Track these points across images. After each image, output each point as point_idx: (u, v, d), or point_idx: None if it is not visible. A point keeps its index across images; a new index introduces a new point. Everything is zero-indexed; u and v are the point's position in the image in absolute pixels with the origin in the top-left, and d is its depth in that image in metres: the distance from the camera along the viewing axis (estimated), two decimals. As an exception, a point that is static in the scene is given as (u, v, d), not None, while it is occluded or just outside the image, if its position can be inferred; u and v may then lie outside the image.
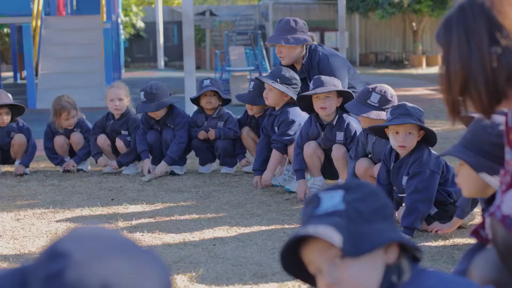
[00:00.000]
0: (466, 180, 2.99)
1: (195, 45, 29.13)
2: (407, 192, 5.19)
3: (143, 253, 1.47)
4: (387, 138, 5.38)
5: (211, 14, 27.64)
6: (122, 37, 26.71)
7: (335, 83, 6.37)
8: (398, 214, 5.36)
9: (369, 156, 5.97)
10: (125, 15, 27.62)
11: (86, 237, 1.43)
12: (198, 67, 27.49)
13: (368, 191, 2.02)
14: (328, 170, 6.53)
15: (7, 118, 7.85)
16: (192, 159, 8.04)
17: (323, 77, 6.43)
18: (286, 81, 6.82)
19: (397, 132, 5.21)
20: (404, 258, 2.02)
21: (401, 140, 5.20)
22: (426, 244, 5.05)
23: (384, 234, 1.96)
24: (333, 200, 2.01)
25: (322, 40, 26.88)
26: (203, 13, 28.02)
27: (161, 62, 27.37)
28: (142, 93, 7.50)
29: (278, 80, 6.81)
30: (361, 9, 26.90)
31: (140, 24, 28.37)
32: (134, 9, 28.22)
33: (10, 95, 7.92)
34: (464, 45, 2.34)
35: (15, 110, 7.91)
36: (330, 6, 28.84)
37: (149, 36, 29.40)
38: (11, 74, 22.40)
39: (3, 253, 5.00)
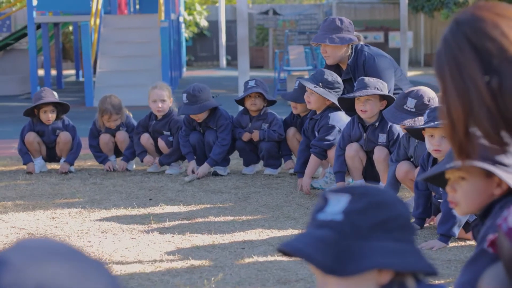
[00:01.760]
0: (468, 195, 2.72)
1: (258, 44, 29.20)
2: (443, 198, 5.02)
3: (87, 261, 1.43)
4: (427, 141, 5.23)
5: (275, 13, 27.53)
6: (185, 35, 26.82)
7: (378, 86, 6.22)
8: (437, 220, 5.20)
9: (411, 159, 5.81)
10: (189, 14, 27.71)
11: (28, 246, 1.42)
12: (261, 66, 27.50)
13: (374, 202, 1.83)
14: (370, 172, 6.39)
15: (52, 116, 7.87)
16: (237, 159, 7.96)
17: (367, 79, 6.29)
18: (329, 85, 6.69)
19: (432, 136, 5.05)
20: (410, 276, 1.88)
21: (436, 143, 5.04)
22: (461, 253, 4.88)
23: (375, 257, 1.78)
24: (338, 205, 1.87)
25: (386, 40, 26.60)
26: (266, 12, 27.93)
27: (223, 61, 27.38)
28: (185, 95, 7.44)
29: (321, 84, 6.68)
30: (426, 8, 26.51)
31: (204, 23, 28.43)
32: (198, 8, 28.29)
33: (55, 93, 7.95)
34: (458, 79, 2.19)
35: (61, 108, 7.93)
36: (395, 5, 28.49)
37: (212, 35, 29.46)
38: (74, 72, 22.63)
39: (31, 252, 4.97)
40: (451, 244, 4.99)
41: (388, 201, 1.85)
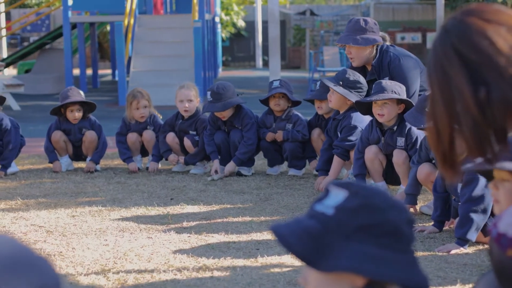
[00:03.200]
0: (508, 196, 2.72)
1: (295, 44, 29.15)
2: (461, 200, 4.96)
3: (28, 257, 1.45)
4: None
5: (312, 13, 27.47)
6: (222, 36, 26.85)
7: (395, 90, 6.16)
8: (456, 223, 5.14)
9: (433, 161, 5.75)
10: (226, 14, 27.74)
11: None
12: (297, 67, 27.47)
13: (366, 203, 1.79)
14: (391, 175, 6.34)
15: (78, 115, 7.93)
16: (262, 160, 7.95)
17: (384, 83, 6.24)
18: (350, 85, 6.65)
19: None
20: (394, 285, 1.83)
21: None
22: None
23: (350, 259, 1.75)
24: (334, 200, 1.85)
25: (424, 41, 26.41)
26: (303, 13, 27.89)
27: (259, 61, 27.39)
28: (209, 92, 7.46)
29: (341, 82, 6.64)
30: (464, 9, 26.30)
31: (241, 23, 28.45)
32: (235, 8, 28.31)
33: (82, 92, 8.00)
34: (445, 89, 2.15)
35: (87, 107, 7.98)
36: (433, 6, 28.24)
37: (249, 35, 29.47)
38: (111, 71, 22.77)
39: (47, 249, 5.02)
40: (468, 248, 4.93)
41: (381, 206, 1.80)
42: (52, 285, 1.46)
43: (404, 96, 6.18)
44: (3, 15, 22.58)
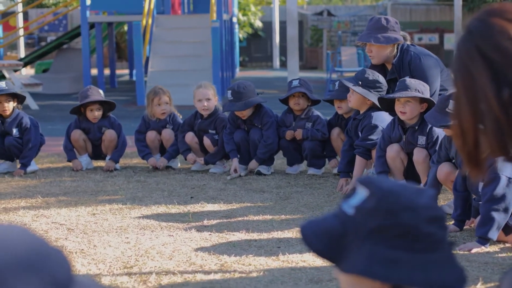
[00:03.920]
0: None
1: (312, 45, 29.12)
2: (482, 199, 4.95)
3: (42, 249, 1.44)
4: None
5: (329, 14, 27.45)
6: (240, 36, 26.85)
7: (419, 88, 6.14)
8: (476, 222, 5.13)
9: (452, 161, 5.73)
10: (243, 15, 27.74)
11: None
12: (315, 67, 27.43)
13: (381, 205, 1.75)
14: (412, 173, 6.32)
15: (98, 114, 7.95)
16: (281, 159, 7.95)
17: (408, 81, 6.22)
18: (369, 84, 6.64)
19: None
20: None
21: None
22: (500, 255, 4.80)
23: (364, 263, 1.71)
24: (356, 199, 1.82)
25: (441, 42, 26.32)
26: (320, 13, 27.87)
27: (276, 61, 27.38)
28: (229, 92, 7.47)
29: (360, 82, 6.64)
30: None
31: (258, 24, 28.45)
32: (253, 8, 28.31)
33: (101, 91, 8.02)
34: (469, 89, 2.15)
35: (107, 106, 8.00)
36: (451, 7, 28.19)
37: (267, 36, 29.47)
38: (128, 71, 22.81)
39: (69, 247, 5.03)
40: (489, 247, 4.92)
41: (394, 207, 1.74)
42: (65, 278, 1.47)
43: (427, 95, 6.16)
44: (21, 15, 22.66)
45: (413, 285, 1.72)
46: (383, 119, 6.62)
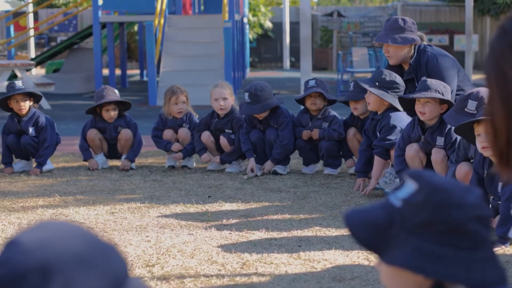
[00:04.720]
0: None
1: (322, 46, 29.11)
2: (502, 199, 4.94)
3: (99, 245, 1.47)
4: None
5: (339, 15, 27.44)
6: (250, 37, 26.86)
7: (439, 89, 6.12)
8: (495, 222, 5.12)
9: (471, 160, 5.72)
10: (253, 15, 27.74)
11: (43, 228, 1.43)
12: (324, 68, 27.39)
13: (430, 200, 1.73)
14: (430, 173, 6.31)
15: (114, 114, 7.96)
16: (297, 159, 7.95)
17: (429, 81, 6.20)
18: (386, 85, 6.63)
19: (479, 134, 4.95)
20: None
21: (482, 139, 4.94)
22: (521, 254, 4.79)
23: (408, 257, 1.70)
24: (405, 191, 1.81)
25: (451, 43, 26.29)
26: (330, 14, 27.86)
27: (286, 62, 27.38)
28: (247, 94, 7.46)
29: (377, 83, 6.63)
30: (492, 11, 26.16)
31: (268, 24, 28.44)
32: (263, 9, 28.30)
33: (117, 91, 8.04)
34: (503, 88, 2.15)
35: (122, 106, 8.01)
36: (461, 8, 28.17)
37: (276, 36, 29.46)
38: (138, 72, 22.84)
39: (90, 245, 5.03)
40: (509, 247, 4.91)
41: (443, 203, 1.73)
42: (122, 273, 1.48)
43: (448, 96, 6.13)
44: (31, 15, 22.70)
45: (456, 282, 1.71)
46: (401, 119, 6.61)
